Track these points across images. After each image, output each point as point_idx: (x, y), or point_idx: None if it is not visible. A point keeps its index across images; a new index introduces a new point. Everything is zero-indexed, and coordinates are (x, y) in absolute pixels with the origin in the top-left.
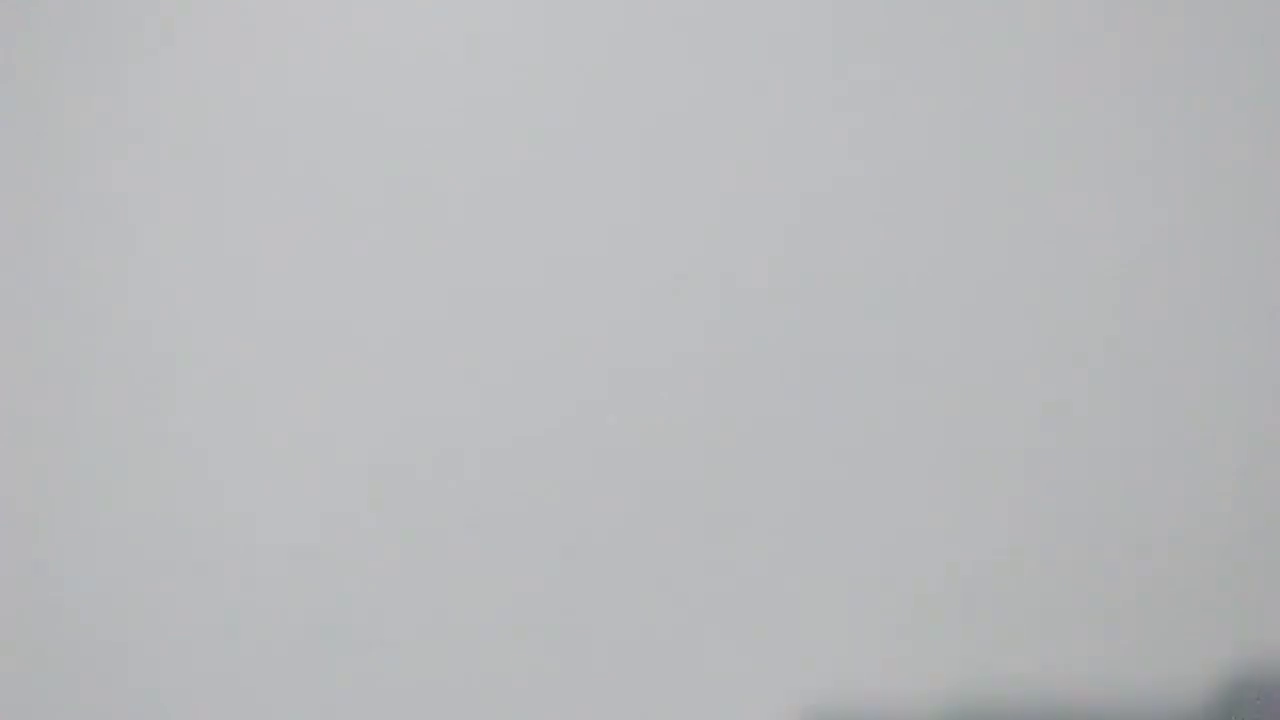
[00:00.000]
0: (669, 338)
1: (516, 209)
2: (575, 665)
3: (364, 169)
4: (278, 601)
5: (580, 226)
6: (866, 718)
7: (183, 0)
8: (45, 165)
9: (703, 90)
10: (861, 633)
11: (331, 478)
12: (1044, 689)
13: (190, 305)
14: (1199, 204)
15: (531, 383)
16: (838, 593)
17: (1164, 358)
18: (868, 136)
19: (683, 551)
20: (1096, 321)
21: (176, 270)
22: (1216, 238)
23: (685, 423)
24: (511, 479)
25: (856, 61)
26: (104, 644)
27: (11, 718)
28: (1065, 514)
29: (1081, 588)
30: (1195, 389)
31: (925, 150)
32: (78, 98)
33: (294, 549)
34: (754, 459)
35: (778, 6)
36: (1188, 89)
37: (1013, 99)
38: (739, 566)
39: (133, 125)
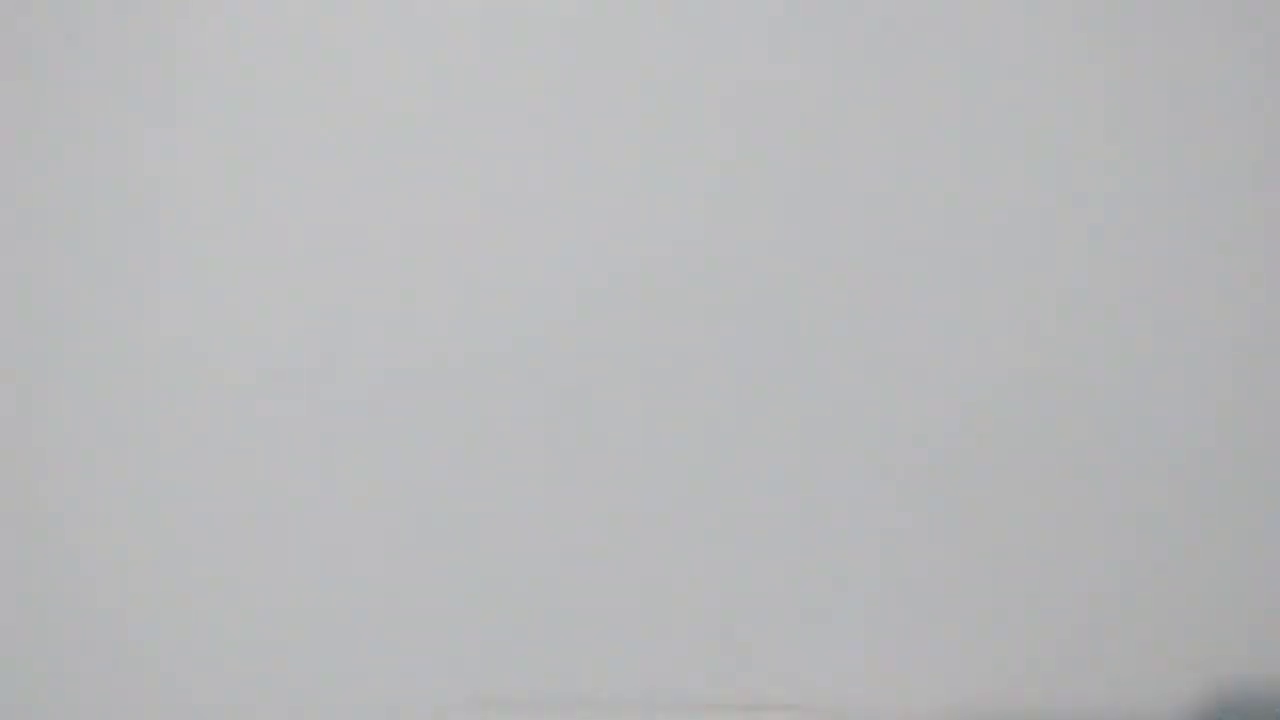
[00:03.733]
0: (660, 336)
1: (515, 206)
2: (566, 667)
3: (365, 167)
4: (281, 594)
5: (579, 224)
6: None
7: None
8: (47, 163)
9: (699, 90)
10: (849, 635)
11: (333, 480)
12: (1024, 705)
13: (199, 292)
14: (1198, 209)
15: (528, 378)
16: (828, 594)
17: (1159, 363)
18: (864, 137)
19: (676, 550)
20: (1093, 325)
21: (177, 267)
22: (1215, 247)
23: (680, 420)
24: (507, 473)
25: (854, 63)
26: (106, 641)
27: (10, 713)
28: (1048, 526)
29: (1060, 602)
30: (1187, 397)
31: (923, 150)
32: (80, 99)
33: (298, 546)
34: (748, 457)
35: (776, 8)
36: (1187, 93)
37: (1009, 100)
38: (733, 566)
39: (136, 124)
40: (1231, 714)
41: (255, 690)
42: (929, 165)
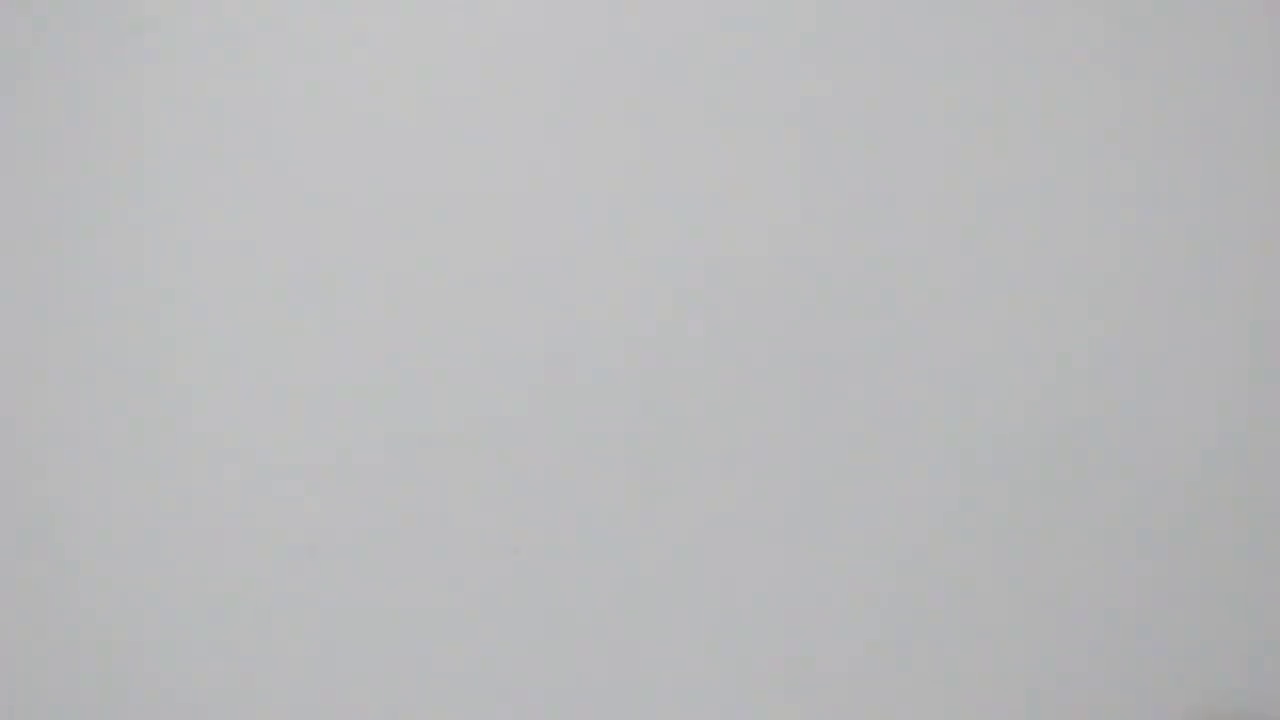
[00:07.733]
0: (659, 338)
1: (515, 205)
2: (563, 669)
3: (365, 168)
4: (280, 591)
5: (578, 223)
6: None
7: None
8: (48, 163)
9: (701, 90)
10: (846, 634)
11: (331, 478)
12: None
13: (196, 298)
14: (1197, 211)
15: (525, 378)
16: (824, 595)
17: (1161, 365)
18: (864, 137)
19: (675, 548)
20: (1095, 330)
21: (179, 264)
22: (1215, 249)
23: (677, 421)
24: (507, 472)
25: (855, 63)
26: (109, 639)
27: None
28: (1039, 540)
29: (1047, 611)
30: (1188, 405)
31: (924, 151)
32: (81, 94)
33: (296, 543)
34: (745, 457)
35: (778, 8)
36: (1188, 94)
37: (1012, 102)
38: (732, 564)
39: (137, 124)
40: None
41: (255, 692)
42: (939, 171)
